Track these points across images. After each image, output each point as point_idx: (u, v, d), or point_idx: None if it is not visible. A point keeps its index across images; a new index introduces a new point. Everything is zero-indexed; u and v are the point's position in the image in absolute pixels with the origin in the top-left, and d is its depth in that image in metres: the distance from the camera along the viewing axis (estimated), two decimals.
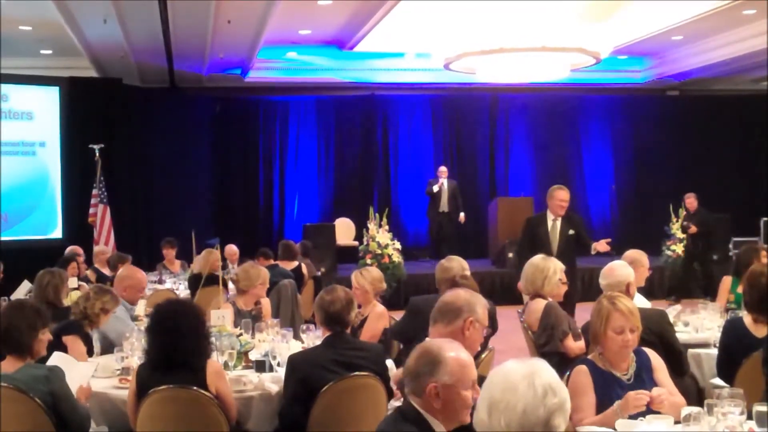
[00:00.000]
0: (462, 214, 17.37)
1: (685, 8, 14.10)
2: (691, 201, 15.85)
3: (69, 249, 12.14)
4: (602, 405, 4.30)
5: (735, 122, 19.34)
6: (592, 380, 4.40)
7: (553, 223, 9.49)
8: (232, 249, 13.31)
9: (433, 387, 3.25)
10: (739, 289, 7.80)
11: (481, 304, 4.38)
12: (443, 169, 17.45)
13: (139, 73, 16.59)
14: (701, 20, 14.56)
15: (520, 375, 2.60)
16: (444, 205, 17.22)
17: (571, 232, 9.49)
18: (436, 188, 17.15)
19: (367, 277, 6.87)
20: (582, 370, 4.44)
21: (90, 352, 6.03)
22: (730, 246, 16.75)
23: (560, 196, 9.44)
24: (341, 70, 18.00)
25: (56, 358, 5.12)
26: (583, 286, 13.11)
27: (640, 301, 6.40)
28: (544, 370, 2.64)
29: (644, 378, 4.50)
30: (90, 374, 5.36)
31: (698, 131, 19.36)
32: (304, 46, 16.58)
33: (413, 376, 3.32)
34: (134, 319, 7.28)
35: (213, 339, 5.58)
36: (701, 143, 19.34)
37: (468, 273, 6.82)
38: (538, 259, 6.87)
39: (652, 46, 16.96)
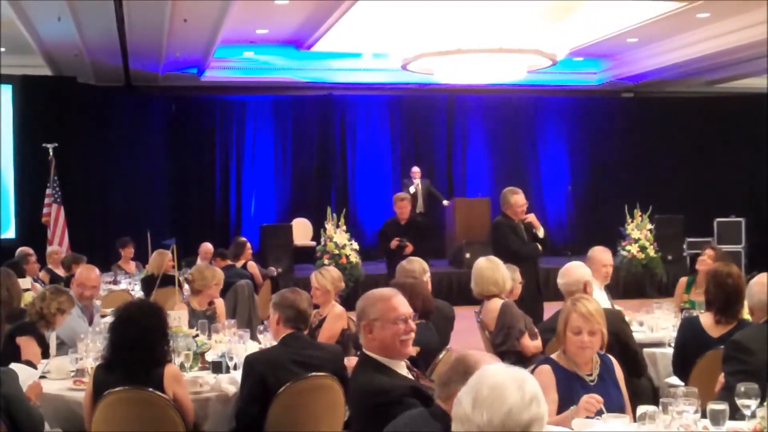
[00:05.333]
0: (445, 201, 17.46)
1: (641, 11, 14.21)
2: (403, 206, 11.61)
3: (19, 251, 11.96)
4: (564, 405, 4.30)
5: (689, 124, 19.52)
6: (555, 380, 4.42)
7: (518, 227, 9.26)
8: (207, 247, 12.73)
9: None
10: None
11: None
12: (416, 169, 17.34)
13: (93, 71, 16.41)
14: (656, 23, 14.69)
15: (510, 377, 2.62)
16: (420, 206, 17.13)
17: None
18: (412, 189, 16.98)
19: (328, 277, 6.83)
20: (545, 369, 4.46)
21: (45, 354, 5.95)
22: (684, 247, 16.91)
23: (519, 202, 9.24)
24: (298, 69, 17.93)
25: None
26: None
27: (603, 300, 6.43)
28: (532, 380, 2.67)
29: (607, 380, 4.53)
30: (39, 372, 5.29)
31: (653, 133, 19.50)
32: (261, 46, 16.50)
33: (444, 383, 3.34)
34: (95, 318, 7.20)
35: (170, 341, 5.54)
36: (656, 145, 19.47)
37: (428, 274, 6.84)
38: (485, 261, 6.97)
39: (607, 48, 17.08)
